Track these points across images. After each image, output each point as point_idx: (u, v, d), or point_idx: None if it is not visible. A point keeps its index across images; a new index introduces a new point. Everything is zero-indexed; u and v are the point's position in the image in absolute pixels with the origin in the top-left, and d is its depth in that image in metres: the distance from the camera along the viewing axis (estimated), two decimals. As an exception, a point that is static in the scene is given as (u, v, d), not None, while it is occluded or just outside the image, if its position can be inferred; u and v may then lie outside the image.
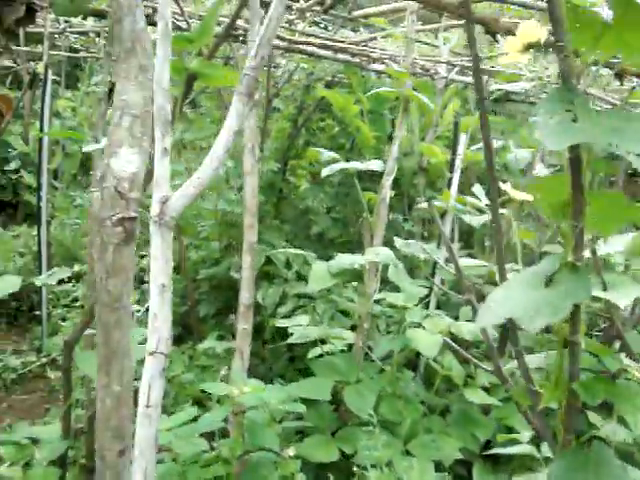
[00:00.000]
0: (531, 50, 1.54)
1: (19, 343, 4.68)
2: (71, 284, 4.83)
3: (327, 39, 3.63)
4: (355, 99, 3.58)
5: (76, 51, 7.07)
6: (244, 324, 2.18)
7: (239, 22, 3.01)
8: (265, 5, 2.66)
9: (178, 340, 3.92)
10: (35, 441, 2.64)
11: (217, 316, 4.06)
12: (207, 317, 4.03)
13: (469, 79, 3.92)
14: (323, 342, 2.83)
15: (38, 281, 2.28)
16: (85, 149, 2.06)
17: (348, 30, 4.64)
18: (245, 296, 2.17)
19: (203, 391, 3.58)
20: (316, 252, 3.68)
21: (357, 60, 3.71)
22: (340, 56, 3.70)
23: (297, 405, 2.22)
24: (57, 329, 4.58)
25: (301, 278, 3.60)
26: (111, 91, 5.03)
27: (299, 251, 3.52)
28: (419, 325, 2.60)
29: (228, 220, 3.83)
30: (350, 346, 2.90)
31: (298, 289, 3.50)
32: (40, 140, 4.29)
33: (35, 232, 5.73)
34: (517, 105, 4.67)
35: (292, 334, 2.82)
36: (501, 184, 1.70)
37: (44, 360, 4.30)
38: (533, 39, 1.52)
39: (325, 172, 2.56)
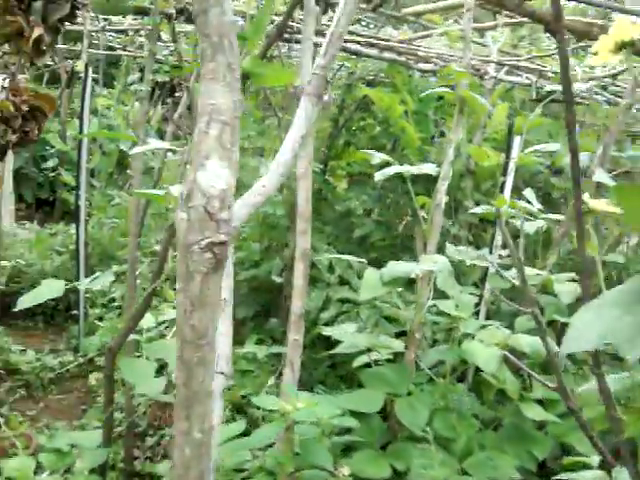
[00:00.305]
0: (624, 50, 1.40)
1: (56, 342, 4.63)
2: (108, 284, 4.75)
3: (372, 37, 3.51)
4: (400, 99, 3.46)
5: (113, 49, 7.04)
6: (295, 335, 2.06)
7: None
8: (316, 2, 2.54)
9: (216, 343, 3.82)
10: (74, 446, 2.56)
11: (256, 318, 3.96)
12: (246, 319, 3.94)
13: (518, 79, 3.77)
14: (369, 350, 2.71)
15: (82, 285, 2.19)
16: (131, 152, 1.96)
17: (390, 28, 4.51)
18: (297, 305, 2.05)
19: (243, 396, 3.50)
20: (358, 256, 3.56)
21: (403, 59, 3.58)
22: (386, 55, 3.57)
23: (349, 419, 2.10)
24: (94, 329, 4.52)
25: (344, 283, 3.49)
26: (154, 90, 4.95)
27: (348, 257, 3.41)
28: (470, 336, 2.47)
29: (269, 222, 3.72)
30: (396, 354, 2.78)
31: (341, 294, 3.38)
32: (80, 139, 4.22)
33: (72, 230, 5.68)
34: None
35: (337, 342, 2.70)
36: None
37: (81, 360, 4.23)
38: (626, 38, 1.38)
39: (378, 176, 2.44)
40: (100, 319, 4.57)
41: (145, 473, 3.20)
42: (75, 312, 4.53)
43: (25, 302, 2.11)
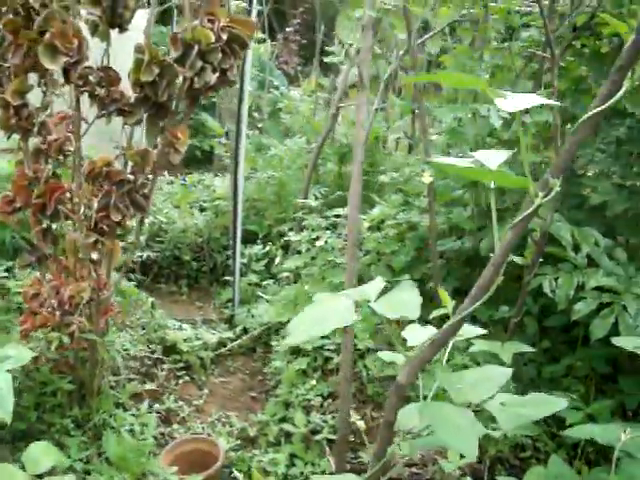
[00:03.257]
0: None
1: (204, 309, 3.95)
2: (261, 246, 4.01)
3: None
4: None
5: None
6: None
7: None
8: None
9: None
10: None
11: (456, 295, 3.16)
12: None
13: None
14: None
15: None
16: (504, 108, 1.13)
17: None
18: None
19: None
20: (597, 229, 2.71)
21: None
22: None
23: None
24: (247, 298, 3.80)
25: (592, 264, 2.63)
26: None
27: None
28: None
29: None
30: None
31: (596, 280, 2.53)
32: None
33: (208, 181, 4.95)
34: None
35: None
36: None
37: (245, 338, 3.52)
38: None
39: None
40: (257, 285, 3.83)
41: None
42: (228, 278, 3.81)
43: (298, 335, 1.35)
